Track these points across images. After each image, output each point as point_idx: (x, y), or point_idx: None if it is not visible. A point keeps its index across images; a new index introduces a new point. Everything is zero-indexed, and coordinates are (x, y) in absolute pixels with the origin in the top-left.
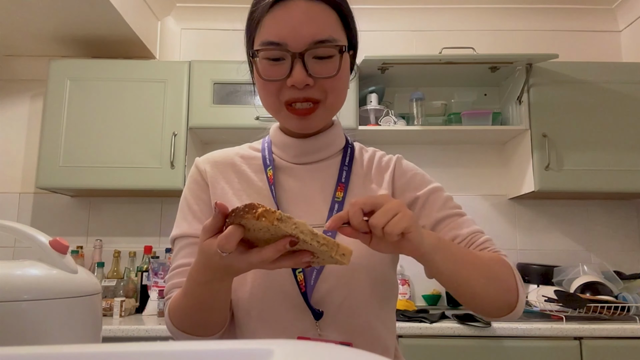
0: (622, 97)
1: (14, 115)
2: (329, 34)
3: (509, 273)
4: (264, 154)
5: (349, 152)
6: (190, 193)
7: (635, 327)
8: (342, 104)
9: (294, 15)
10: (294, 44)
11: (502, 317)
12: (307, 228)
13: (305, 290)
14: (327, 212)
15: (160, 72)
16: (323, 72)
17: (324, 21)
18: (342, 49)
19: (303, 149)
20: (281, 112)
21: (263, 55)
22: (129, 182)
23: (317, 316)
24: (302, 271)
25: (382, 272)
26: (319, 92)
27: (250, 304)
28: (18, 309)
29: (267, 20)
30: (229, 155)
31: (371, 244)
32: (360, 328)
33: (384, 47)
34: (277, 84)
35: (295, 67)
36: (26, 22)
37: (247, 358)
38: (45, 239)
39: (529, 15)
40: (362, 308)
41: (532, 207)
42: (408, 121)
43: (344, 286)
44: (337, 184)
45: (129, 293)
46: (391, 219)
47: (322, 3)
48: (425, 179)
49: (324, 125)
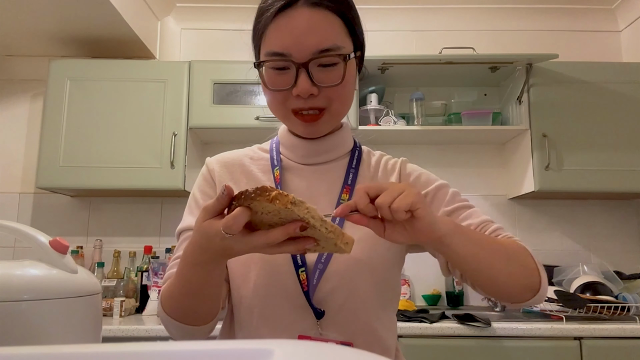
0: (622, 97)
1: (14, 115)
2: (333, 41)
3: (528, 255)
4: (272, 155)
5: (357, 155)
6: (199, 189)
7: (635, 327)
8: (348, 109)
9: (297, 25)
10: (297, 54)
11: (526, 301)
12: (318, 214)
13: (308, 290)
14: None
15: (160, 72)
16: (328, 81)
17: (327, 29)
18: (346, 57)
19: (310, 150)
20: (289, 119)
21: (268, 66)
22: (129, 182)
23: (319, 315)
24: (305, 270)
25: (385, 273)
26: (323, 101)
27: (252, 302)
28: (18, 309)
29: (271, 30)
30: (238, 156)
31: (385, 233)
32: (361, 328)
33: (384, 47)
34: (284, 93)
35: (300, 77)
36: (26, 22)
37: (247, 358)
38: (45, 239)
39: (529, 15)
40: (363, 308)
41: (532, 207)
42: (408, 121)
43: (346, 286)
44: (344, 186)
45: (129, 293)
46: (397, 197)
47: (326, 10)
48: (431, 178)
49: (330, 130)
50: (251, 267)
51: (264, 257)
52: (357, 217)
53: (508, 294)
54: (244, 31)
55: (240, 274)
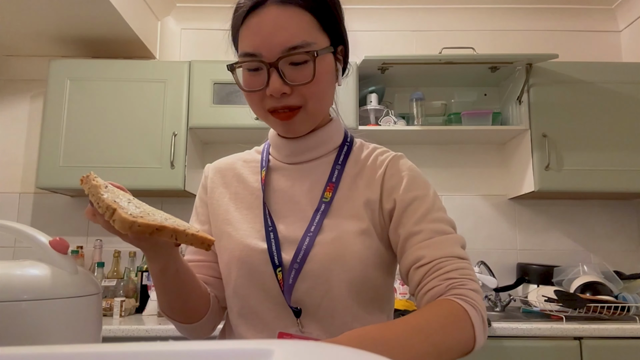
0: (622, 97)
1: (14, 115)
2: (302, 38)
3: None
4: (262, 156)
5: (345, 150)
6: (198, 196)
7: (635, 327)
8: (327, 106)
9: (265, 24)
10: (267, 53)
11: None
12: (98, 191)
13: (284, 289)
14: (312, 212)
15: (160, 72)
16: (299, 79)
17: (295, 26)
18: (315, 54)
19: (294, 148)
20: (267, 119)
21: (244, 67)
22: (129, 182)
23: (297, 314)
24: (282, 270)
25: (363, 274)
26: (297, 99)
27: (233, 302)
28: (18, 309)
29: (243, 30)
30: (233, 160)
31: None
32: (339, 327)
33: (384, 47)
34: (259, 94)
35: (271, 77)
36: (26, 22)
37: (247, 358)
38: (45, 239)
39: (529, 15)
40: (340, 309)
41: (532, 207)
42: (408, 121)
43: (321, 286)
44: (327, 184)
45: (129, 293)
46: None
47: (294, 7)
48: (416, 183)
49: (311, 128)
50: (232, 268)
51: (242, 257)
52: None
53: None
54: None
55: (224, 274)
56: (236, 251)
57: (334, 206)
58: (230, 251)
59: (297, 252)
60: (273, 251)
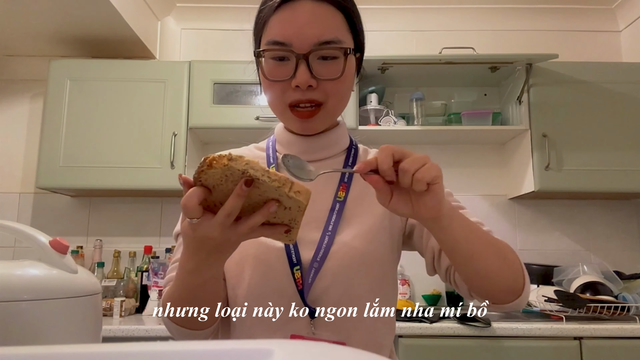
0: (622, 97)
1: (14, 115)
2: (335, 35)
3: (516, 258)
4: (268, 153)
5: (353, 153)
6: None
7: (635, 327)
8: (343, 107)
9: (300, 16)
10: (298, 44)
11: (507, 304)
12: (260, 166)
13: (302, 288)
14: (328, 211)
15: (160, 72)
16: (327, 74)
17: (329, 22)
18: (347, 51)
19: (306, 147)
20: (285, 114)
21: (268, 55)
22: (129, 182)
23: (313, 314)
24: (300, 269)
25: (381, 271)
26: (321, 94)
27: (246, 301)
28: (18, 309)
29: (274, 20)
30: None
31: (391, 202)
32: (355, 326)
33: (384, 47)
34: (282, 85)
35: (299, 68)
36: (26, 22)
37: (247, 358)
38: (45, 239)
39: (529, 15)
40: (358, 306)
41: (532, 207)
42: (408, 121)
43: (341, 284)
44: (340, 184)
45: (129, 293)
46: (421, 167)
47: (329, 4)
48: None
49: (326, 127)
50: (245, 267)
51: (257, 256)
52: (375, 178)
53: (492, 290)
54: (244, 31)
55: (235, 273)
56: (250, 249)
57: (348, 205)
58: (243, 249)
59: (317, 250)
60: (291, 249)
